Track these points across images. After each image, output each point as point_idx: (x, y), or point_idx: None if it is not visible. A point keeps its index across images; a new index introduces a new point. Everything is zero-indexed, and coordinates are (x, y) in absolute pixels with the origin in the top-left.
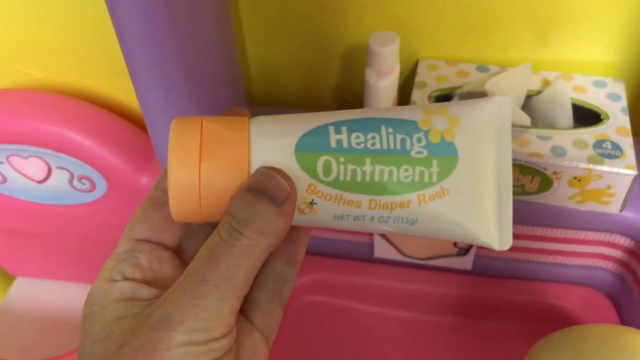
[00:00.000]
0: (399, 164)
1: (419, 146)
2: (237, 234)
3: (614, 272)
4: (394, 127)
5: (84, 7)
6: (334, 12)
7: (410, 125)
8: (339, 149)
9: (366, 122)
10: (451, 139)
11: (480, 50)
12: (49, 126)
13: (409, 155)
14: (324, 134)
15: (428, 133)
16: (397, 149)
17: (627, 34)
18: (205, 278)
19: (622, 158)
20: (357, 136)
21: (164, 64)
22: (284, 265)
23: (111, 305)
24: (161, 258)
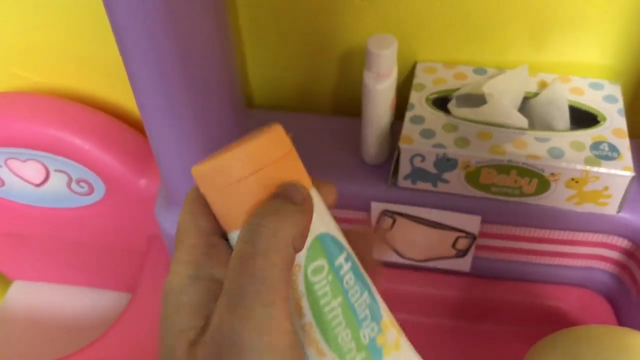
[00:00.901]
0: (348, 325)
1: (368, 334)
2: (257, 227)
3: (612, 273)
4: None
5: (83, 11)
6: (331, 15)
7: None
8: (336, 270)
9: (362, 276)
10: (386, 354)
11: (478, 52)
12: (47, 129)
13: (358, 330)
14: (339, 250)
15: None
16: (359, 317)
17: (623, 37)
18: (244, 287)
19: (619, 159)
20: (351, 278)
21: (163, 68)
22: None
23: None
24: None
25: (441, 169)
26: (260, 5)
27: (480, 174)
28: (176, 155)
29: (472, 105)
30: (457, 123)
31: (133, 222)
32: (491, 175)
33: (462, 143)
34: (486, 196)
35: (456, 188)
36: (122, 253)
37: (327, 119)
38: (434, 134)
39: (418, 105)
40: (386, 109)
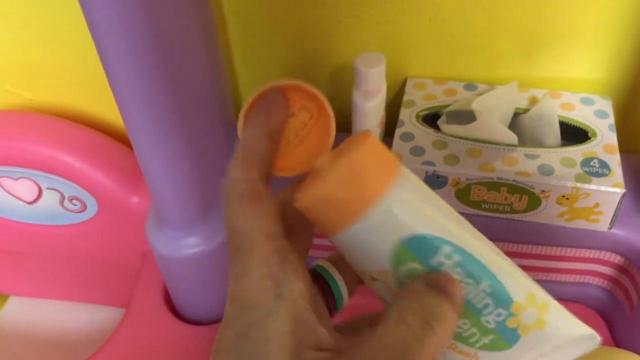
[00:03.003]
0: (465, 315)
1: (493, 319)
2: (430, 331)
3: (605, 288)
4: (493, 289)
5: (75, 29)
6: (322, 32)
7: (505, 300)
8: (433, 267)
9: (478, 266)
10: (524, 333)
11: (468, 68)
12: (39, 147)
13: (479, 317)
14: (435, 249)
15: (509, 317)
16: (474, 307)
17: (613, 52)
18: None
19: (609, 176)
20: (458, 272)
21: (149, 87)
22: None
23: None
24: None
25: (431, 186)
26: (250, 21)
27: (471, 191)
28: (165, 175)
29: (462, 122)
30: (446, 140)
31: (126, 238)
32: (481, 192)
33: (451, 160)
34: (477, 213)
35: None
36: (116, 269)
37: None
38: (423, 151)
39: (408, 122)
40: (375, 127)
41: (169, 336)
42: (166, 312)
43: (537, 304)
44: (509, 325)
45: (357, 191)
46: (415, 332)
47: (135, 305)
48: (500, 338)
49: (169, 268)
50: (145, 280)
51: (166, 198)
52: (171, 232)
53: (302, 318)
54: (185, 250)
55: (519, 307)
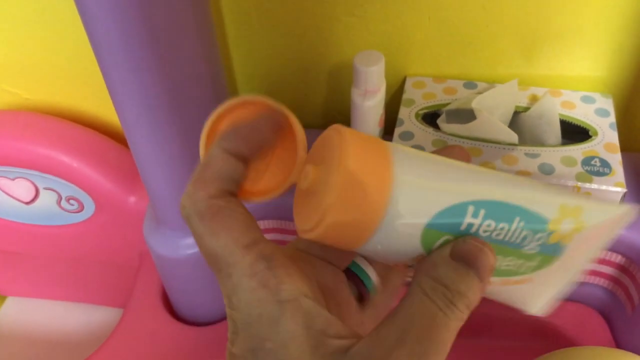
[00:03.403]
0: (507, 254)
1: (535, 245)
2: (453, 307)
3: (606, 288)
4: (526, 221)
5: (73, 28)
6: (321, 31)
7: (541, 223)
8: (466, 231)
9: (505, 208)
10: (566, 242)
11: (468, 66)
12: (36, 147)
13: (521, 249)
14: (460, 215)
15: (549, 236)
16: (515, 243)
17: (614, 49)
18: (430, 351)
19: (611, 175)
20: (489, 224)
21: (147, 87)
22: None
23: (292, 344)
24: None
25: None
26: (249, 20)
27: None
28: (163, 175)
29: (461, 121)
30: (446, 139)
31: (124, 238)
32: None
33: None
34: None
35: None
36: (114, 269)
37: (317, 133)
38: (423, 150)
39: (407, 120)
40: (374, 126)
41: (167, 336)
42: (164, 313)
43: (571, 211)
44: (551, 242)
45: (363, 206)
46: (441, 307)
47: (133, 306)
48: (547, 256)
49: (166, 268)
50: (143, 281)
51: (163, 198)
52: (169, 233)
53: (311, 313)
54: (183, 250)
55: (556, 222)
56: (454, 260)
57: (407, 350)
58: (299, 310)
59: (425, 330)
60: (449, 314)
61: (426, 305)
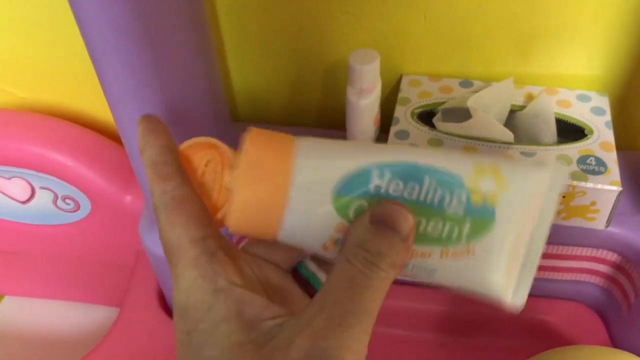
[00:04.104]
0: (430, 216)
1: (457, 206)
2: (374, 267)
3: (602, 286)
4: (438, 178)
5: (69, 27)
6: (316, 29)
7: (455, 180)
8: (375, 194)
9: (411, 169)
10: (493, 204)
11: (464, 65)
12: (32, 146)
13: (444, 211)
14: (365, 179)
15: (471, 194)
16: (433, 204)
17: (610, 48)
18: (350, 311)
19: (606, 174)
20: (397, 184)
21: (140, 83)
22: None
23: (223, 324)
24: (245, 258)
25: None
26: (244, 18)
27: None
28: None
29: (457, 120)
30: (442, 138)
31: (120, 237)
32: None
33: None
34: None
35: None
36: (110, 268)
37: (312, 132)
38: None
39: (403, 119)
40: (370, 124)
41: (163, 335)
42: (160, 312)
43: (487, 170)
44: (475, 202)
45: (266, 183)
46: (361, 270)
47: (130, 305)
48: (477, 220)
49: (162, 267)
50: (139, 280)
51: None
52: None
53: (244, 300)
54: None
55: (473, 181)
56: (373, 224)
57: (326, 313)
58: (230, 297)
59: (343, 292)
60: (369, 273)
61: (346, 269)
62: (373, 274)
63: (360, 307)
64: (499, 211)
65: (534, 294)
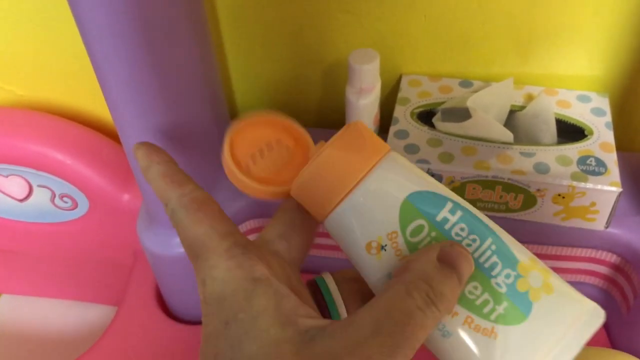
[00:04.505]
0: (475, 277)
1: (503, 281)
2: (433, 307)
3: (601, 288)
4: (499, 246)
5: (67, 25)
6: (316, 29)
7: (511, 260)
8: (440, 225)
9: (480, 224)
10: (534, 299)
11: (464, 65)
12: (30, 144)
13: (489, 279)
14: (440, 204)
15: (518, 279)
16: (483, 266)
17: (610, 48)
18: (402, 346)
19: (606, 175)
20: (463, 228)
21: (140, 83)
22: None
23: (262, 316)
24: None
25: None
26: (243, 18)
27: (465, 190)
28: None
29: (457, 120)
30: (441, 138)
31: (118, 236)
32: (476, 190)
33: (446, 158)
34: None
35: None
36: (108, 267)
37: (312, 131)
38: (418, 149)
39: (402, 119)
40: (369, 124)
41: (161, 335)
42: (158, 311)
43: (540, 267)
44: (520, 288)
45: (358, 151)
46: (420, 307)
47: (127, 304)
48: (514, 306)
49: (160, 266)
50: (137, 279)
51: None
52: (162, 231)
53: (281, 293)
54: (177, 248)
55: (525, 268)
56: (441, 262)
57: (379, 341)
58: (270, 288)
59: (400, 325)
60: (428, 313)
61: (406, 301)
62: (431, 314)
63: (411, 344)
64: (536, 308)
65: None
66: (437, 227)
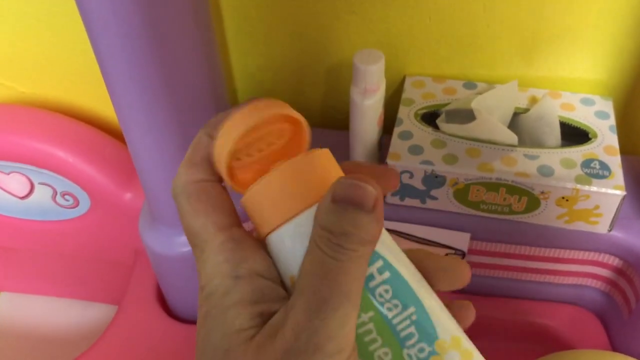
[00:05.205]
0: (386, 343)
1: (415, 354)
2: (341, 249)
3: (603, 291)
4: (419, 317)
5: (70, 22)
6: (320, 29)
7: (429, 334)
8: (365, 280)
9: (406, 290)
10: None
11: (468, 67)
12: (32, 142)
13: (401, 349)
14: (372, 262)
15: (432, 356)
16: (399, 334)
17: (614, 52)
18: (326, 299)
19: (610, 178)
20: (387, 290)
21: (144, 82)
22: None
23: (232, 310)
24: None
25: (430, 185)
26: (247, 18)
27: (469, 192)
28: (159, 171)
29: (461, 121)
30: (445, 139)
31: (119, 235)
32: (480, 192)
33: (450, 160)
34: (475, 214)
35: (445, 205)
36: (109, 265)
37: (315, 131)
38: (422, 150)
39: (406, 120)
40: (373, 125)
41: (161, 333)
42: (158, 310)
43: (461, 349)
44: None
45: (295, 191)
46: (329, 254)
47: (128, 302)
48: None
49: (161, 265)
50: (138, 277)
51: (159, 195)
52: (164, 230)
53: (265, 290)
54: (178, 247)
55: (443, 347)
56: (334, 203)
57: (305, 302)
58: (250, 285)
59: (318, 279)
60: (338, 256)
61: (316, 254)
62: (342, 257)
63: (337, 293)
64: None
65: (535, 297)
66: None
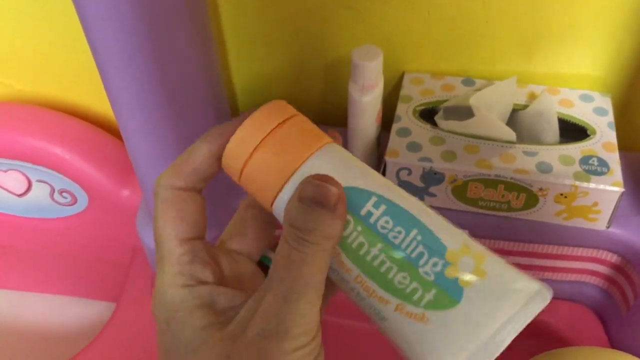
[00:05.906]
0: (402, 267)
1: (430, 270)
2: (305, 242)
3: (601, 288)
4: (424, 236)
5: (67, 20)
6: (319, 26)
7: (438, 248)
8: (365, 218)
9: (405, 215)
10: (465, 285)
11: (466, 63)
12: (29, 139)
13: (417, 269)
14: (363, 198)
15: (447, 267)
16: (410, 256)
17: (613, 48)
18: (292, 287)
19: (608, 175)
20: (387, 221)
21: (141, 79)
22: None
23: (197, 311)
24: (223, 254)
25: (428, 182)
26: (245, 14)
27: (468, 188)
28: (156, 168)
29: (459, 118)
30: (444, 136)
31: (117, 232)
32: (478, 189)
33: (449, 156)
34: (474, 210)
35: (443, 202)
36: (106, 263)
37: None
38: (420, 147)
39: (405, 117)
40: (372, 121)
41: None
42: None
43: (472, 253)
44: (448, 275)
45: (284, 153)
46: (295, 247)
47: (126, 300)
48: (444, 291)
49: None
50: (135, 275)
51: None
52: None
53: (217, 293)
54: None
55: (454, 255)
56: (300, 202)
57: (273, 292)
58: (203, 292)
59: (284, 270)
60: (302, 249)
61: (284, 248)
62: (306, 249)
63: (301, 282)
64: (468, 294)
65: None
66: (362, 221)
